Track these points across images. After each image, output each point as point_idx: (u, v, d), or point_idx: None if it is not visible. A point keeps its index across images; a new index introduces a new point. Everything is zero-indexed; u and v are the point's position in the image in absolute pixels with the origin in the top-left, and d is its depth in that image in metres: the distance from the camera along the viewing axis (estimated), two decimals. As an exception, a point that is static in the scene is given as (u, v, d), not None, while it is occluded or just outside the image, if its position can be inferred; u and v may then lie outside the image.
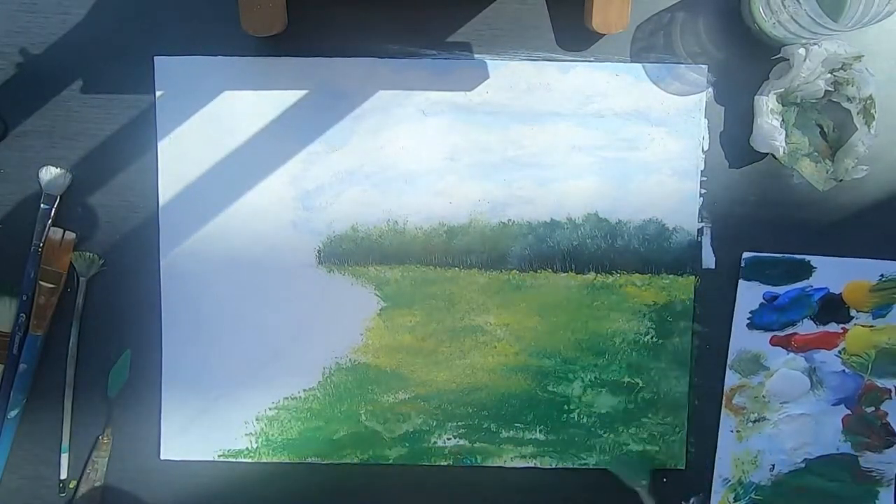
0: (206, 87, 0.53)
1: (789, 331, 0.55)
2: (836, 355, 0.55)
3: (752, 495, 0.55)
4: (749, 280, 0.54)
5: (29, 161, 0.53)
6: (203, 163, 0.53)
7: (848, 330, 0.54)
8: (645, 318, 0.55)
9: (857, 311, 0.54)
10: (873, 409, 0.55)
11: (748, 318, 0.54)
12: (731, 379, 0.55)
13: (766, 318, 0.54)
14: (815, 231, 0.54)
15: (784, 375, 0.55)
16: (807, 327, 0.54)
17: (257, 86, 0.53)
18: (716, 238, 0.54)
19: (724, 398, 0.55)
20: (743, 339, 0.54)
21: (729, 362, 0.55)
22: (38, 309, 0.53)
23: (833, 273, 0.54)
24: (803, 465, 0.55)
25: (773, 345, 0.55)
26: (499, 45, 0.53)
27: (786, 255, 0.54)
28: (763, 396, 0.55)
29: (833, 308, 0.54)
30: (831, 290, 0.54)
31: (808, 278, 0.54)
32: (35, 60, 0.53)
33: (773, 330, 0.54)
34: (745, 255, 0.54)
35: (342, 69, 0.53)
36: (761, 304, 0.54)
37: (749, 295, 0.54)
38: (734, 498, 0.56)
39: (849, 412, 0.55)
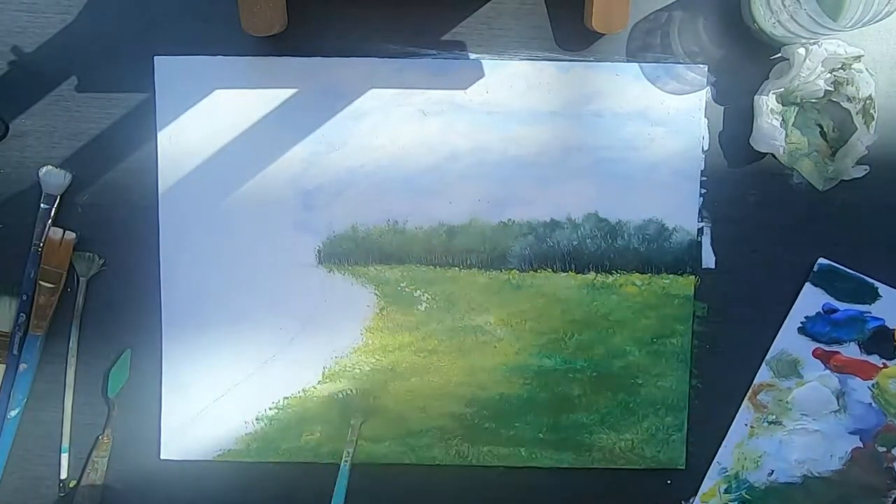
0: (206, 87, 0.53)
1: (834, 348, 0.54)
2: (869, 388, 0.55)
3: (744, 493, 0.55)
4: (816, 286, 0.54)
5: (29, 161, 0.53)
6: (203, 163, 0.53)
7: (888, 366, 0.54)
8: (645, 318, 0.55)
9: None
10: (885, 449, 0.55)
11: (801, 322, 0.54)
12: (763, 374, 0.55)
13: (817, 328, 0.54)
14: (815, 231, 0.54)
15: (814, 389, 0.55)
16: (851, 351, 0.54)
17: (257, 86, 0.53)
18: (716, 238, 0.54)
19: (751, 391, 0.55)
20: (789, 340, 0.54)
21: (767, 358, 0.55)
22: (38, 309, 0.53)
23: (895, 307, 0.54)
24: (800, 481, 0.55)
25: (815, 356, 0.55)
26: (499, 45, 0.53)
27: (859, 274, 0.54)
28: (787, 402, 0.55)
29: (882, 341, 0.54)
30: (886, 324, 0.54)
31: (870, 304, 0.54)
32: (35, 60, 0.53)
33: (820, 342, 0.54)
34: (821, 261, 0.54)
35: (342, 69, 0.53)
36: (818, 314, 0.54)
37: (811, 300, 0.54)
38: (725, 489, 0.55)
39: (861, 445, 0.55)
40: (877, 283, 0.54)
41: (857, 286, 0.54)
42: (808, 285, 0.54)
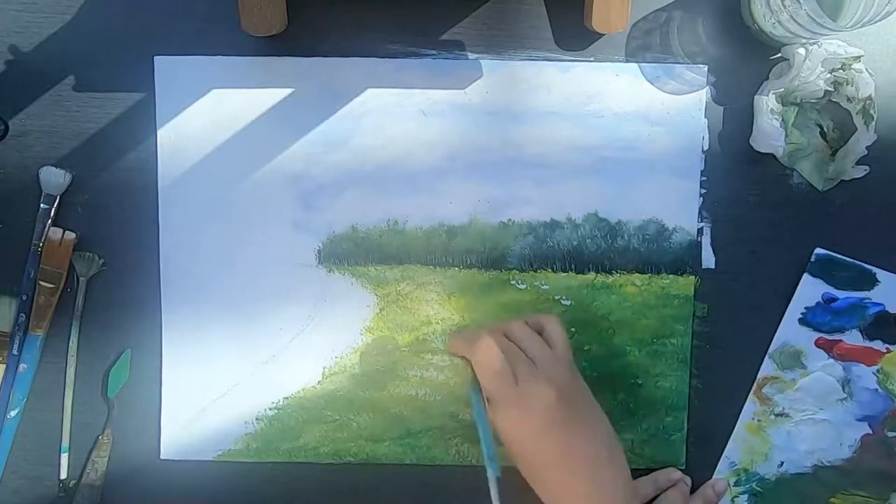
0: (206, 87, 0.53)
1: (836, 336, 0.55)
2: (874, 373, 0.55)
3: (754, 485, 0.55)
4: (815, 276, 0.54)
5: (29, 161, 0.53)
6: (203, 163, 0.53)
7: (891, 351, 0.54)
8: (645, 318, 0.55)
9: None
10: (894, 434, 0.55)
11: (802, 313, 0.54)
12: (767, 368, 0.55)
13: (818, 318, 0.54)
14: (815, 231, 0.54)
15: (819, 379, 0.55)
16: (854, 338, 0.54)
17: (257, 86, 0.53)
18: (716, 238, 0.54)
19: (755, 385, 0.55)
20: (790, 332, 0.55)
21: (770, 351, 0.55)
22: (38, 309, 0.53)
23: (894, 291, 0.54)
24: (811, 471, 0.55)
25: (818, 346, 0.55)
26: (498, 45, 0.53)
27: (856, 261, 0.54)
28: (793, 393, 0.55)
29: (884, 326, 0.54)
30: (887, 308, 0.54)
31: (869, 290, 0.54)
32: (35, 60, 0.53)
33: (821, 331, 0.54)
34: (818, 251, 0.54)
35: (342, 69, 0.53)
36: (818, 303, 0.54)
37: (810, 291, 0.54)
38: (735, 482, 0.55)
39: (870, 432, 0.55)
40: (875, 269, 0.54)
41: (856, 273, 0.54)
42: (806, 276, 0.54)
